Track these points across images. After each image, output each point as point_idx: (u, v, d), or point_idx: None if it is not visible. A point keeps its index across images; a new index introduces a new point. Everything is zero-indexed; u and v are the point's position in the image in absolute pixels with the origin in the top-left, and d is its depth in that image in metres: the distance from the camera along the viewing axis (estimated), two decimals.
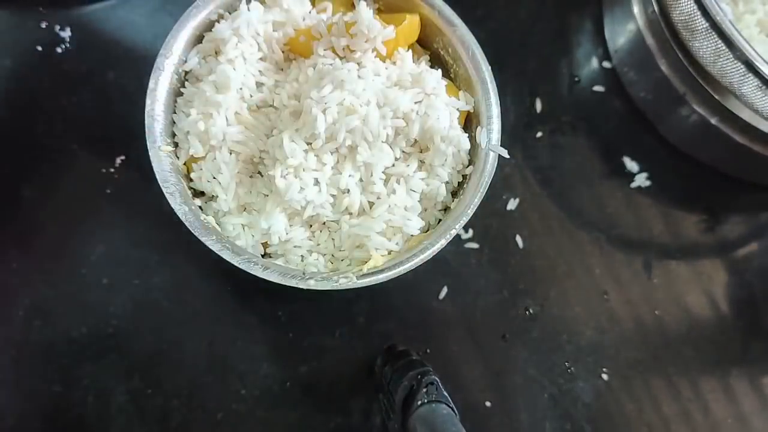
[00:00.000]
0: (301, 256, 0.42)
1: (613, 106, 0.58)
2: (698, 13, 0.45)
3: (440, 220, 0.43)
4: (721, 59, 0.45)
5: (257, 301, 0.50)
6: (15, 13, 0.53)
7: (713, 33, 0.45)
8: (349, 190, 0.41)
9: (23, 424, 0.46)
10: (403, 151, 0.42)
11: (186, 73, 0.43)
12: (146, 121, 0.40)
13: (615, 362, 0.51)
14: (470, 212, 0.40)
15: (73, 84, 0.52)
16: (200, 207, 0.41)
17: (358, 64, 0.42)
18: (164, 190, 0.39)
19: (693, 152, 0.57)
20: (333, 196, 0.41)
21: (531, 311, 0.52)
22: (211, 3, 0.42)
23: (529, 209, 0.54)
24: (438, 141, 0.41)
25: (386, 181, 0.42)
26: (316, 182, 0.40)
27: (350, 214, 0.41)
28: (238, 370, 0.48)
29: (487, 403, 0.49)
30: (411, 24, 0.44)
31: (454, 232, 0.40)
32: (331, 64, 0.41)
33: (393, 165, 0.42)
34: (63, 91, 0.52)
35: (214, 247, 0.38)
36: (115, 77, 0.53)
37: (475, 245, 0.52)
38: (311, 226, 0.42)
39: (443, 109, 0.42)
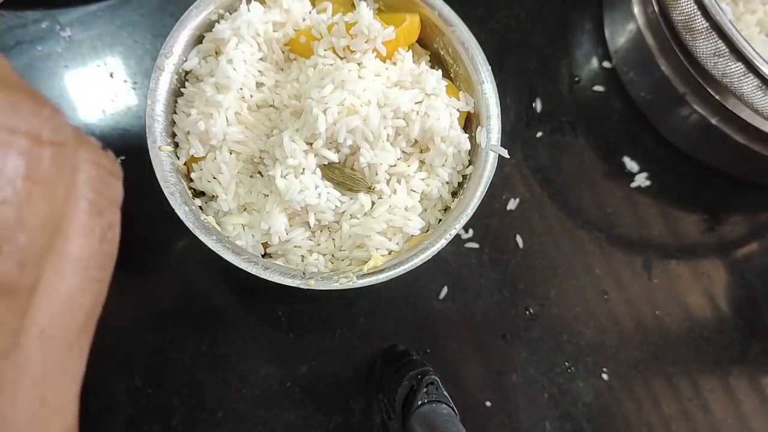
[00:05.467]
0: (302, 256, 0.42)
1: (613, 106, 0.58)
2: (698, 13, 0.45)
3: (440, 220, 0.43)
4: (721, 59, 0.45)
5: (257, 301, 0.50)
6: (15, 13, 0.53)
7: (713, 33, 0.45)
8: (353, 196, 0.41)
9: None
10: (404, 152, 0.42)
11: (186, 73, 0.43)
12: (146, 121, 0.40)
13: (615, 362, 0.52)
14: (470, 212, 0.40)
15: (73, 84, 0.52)
16: (200, 207, 0.41)
17: (359, 64, 0.42)
18: (164, 190, 0.39)
19: (693, 152, 0.57)
20: (337, 198, 0.41)
21: (531, 311, 0.52)
22: (211, 3, 0.42)
23: (529, 209, 0.54)
24: (438, 141, 0.41)
25: (387, 181, 0.42)
26: (317, 186, 0.40)
27: (351, 214, 0.41)
28: (238, 370, 0.48)
29: (487, 403, 0.50)
30: (411, 24, 0.44)
31: (454, 232, 0.40)
32: (331, 65, 0.41)
33: (394, 165, 0.42)
34: (63, 91, 0.52)
35: (215, 247, 0.38)
36: (115, 77, 0.53)
37: (475, 245, 0.52)
38: (311, 226, 0.42)
39: (443, 109, 0.42)
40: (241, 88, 0.41)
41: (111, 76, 0.53)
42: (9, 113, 0.12)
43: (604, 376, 0.51)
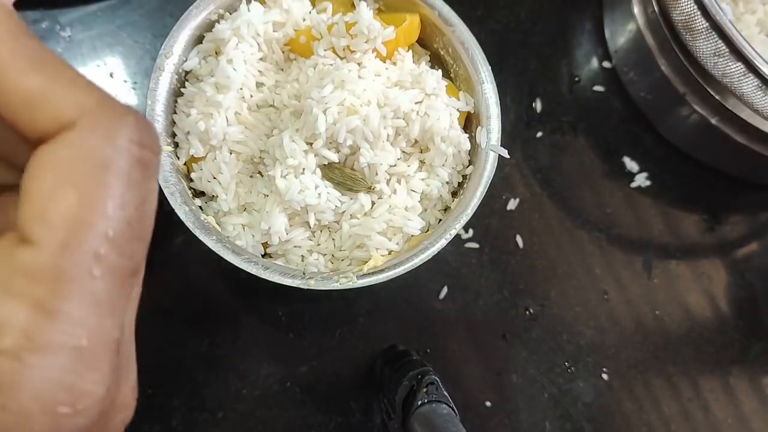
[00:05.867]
0: (302, 256, 0.42)
1: (613, 106, 0.58)
2: (698, 13, 0.45)
3: (440, 220, 0.43)
4: (721, 59, 0.45)
5: (257, 301, 0.50)
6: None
7: (713, 33, 0.45)
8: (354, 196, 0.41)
9: None
10: (404, 152, 0.42)
11: (186, 73, 0.43)
12: None
13: (615, 362, 0.52)
14: (470, 212, 0.40)
15: None
16: (200, 207, 0.41)
17: (359, 64, 0.42)
18: (164, 190, 0.39)
19: (693, 152, 0.57)
20: (337, 198, 0.41)
21: (531, 311, 0.52)
22: (211, 3, 0.42)
23: (529, 209, 0.54)
24: (438, 141, 0.41)
25: (387, 181, 0.42)
26: (317, 186, 0.40)
27: (351, 214, 0.41)
28: (238, 370, 0.48)
29: (487, 403, 0.50)
30: (411, 24, 0.44)
31: (454, 232, 0.40)
32: (331, 65, 0.41)
33: (395, 165, 0.42)
34: None
35: (215, 247, 0.38)
36: (115, 77, 0.53)
37: (475, 245, 0.52)
38: (311, 226, 0.42)
39: (443, 109, 0.42)
40: (241, 88, 0.41)
41: (111, 76, 0.53)
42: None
43: (604, 376, 0.51)
